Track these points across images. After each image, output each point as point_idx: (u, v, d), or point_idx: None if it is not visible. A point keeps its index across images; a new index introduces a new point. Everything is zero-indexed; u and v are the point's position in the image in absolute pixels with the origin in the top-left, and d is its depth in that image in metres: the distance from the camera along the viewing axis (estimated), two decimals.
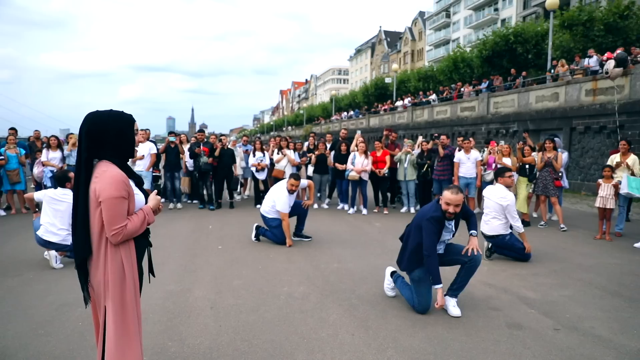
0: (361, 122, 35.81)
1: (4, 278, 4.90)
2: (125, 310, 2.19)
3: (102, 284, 2.15)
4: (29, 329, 3.57)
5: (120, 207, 2.11)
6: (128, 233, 2.15)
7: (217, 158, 9.94)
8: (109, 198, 2.09)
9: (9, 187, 9.18)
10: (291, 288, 4.60)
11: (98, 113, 2.22)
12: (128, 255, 2.20)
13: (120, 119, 2.25)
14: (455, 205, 3.80)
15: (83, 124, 2.18)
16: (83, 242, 2.13)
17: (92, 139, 2.16)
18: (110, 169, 2.15)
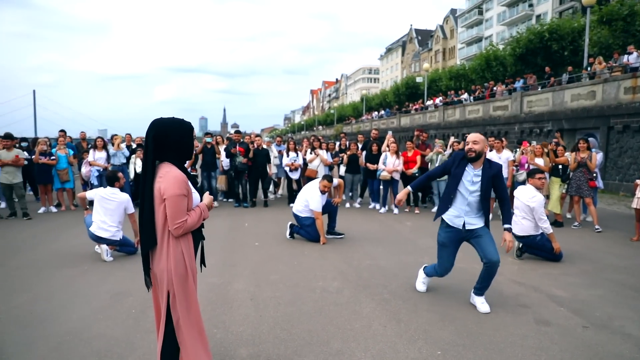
0: (392, 122, 35.74)
1: (64, 268, 5.33)
2: (187, 295, 2.46)
3: (165, 272, 2.42)
4: (90, 313, 3.93)
5: (181, 204, 2.39)
6: (188, 227, 2.42)
7: (251, 158, 10.29)
8: (173, 196, 2.36)
9: (59, 185, 9.78)
10: (326, 283, 4.83)
11: (163, 120, 2.49)
12: (187, 247, 2.48)
13: (182, 127, 2.52)
14: (473, 141, 3.87)
15: (149, 130, 2.46)
16: (149, 234, 2.41)
17: (157, 144, 2.43)
18: (173, 170, 2.43)
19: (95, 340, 3.41)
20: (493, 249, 3.99)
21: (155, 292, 2.59)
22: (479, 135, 3.94)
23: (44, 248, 6.40)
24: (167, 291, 2.43)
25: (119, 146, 9.99)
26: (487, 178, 3.90)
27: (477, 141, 3.87)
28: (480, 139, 3.91)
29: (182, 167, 2.51)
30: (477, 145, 3.86)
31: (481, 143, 3.89)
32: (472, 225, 4.01)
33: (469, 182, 3.94)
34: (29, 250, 6.28)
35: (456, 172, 4.00)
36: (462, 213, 4.00)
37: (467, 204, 3.97)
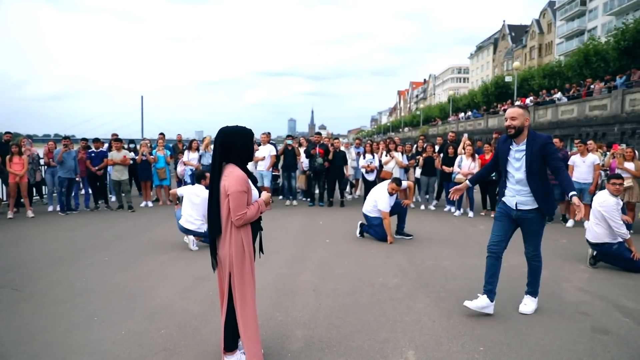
0: (479, 123, 34.44)
1: (156, 255, 6.13)
2: (243, 277, 2.90)
3: (227, 257, 2.88)
4: (174, 293, 4.57)
5: (242, 199, 2.82)
6: (247, 218, 2.85)
7: (330, 159, 10.74)
8: (235, 192, 2.79)
9: (157, 182, 10.98)
10: (386, 279, 5.08)
11: (228, 128, 2.95)
12: (247, 236, 2.91)
13: (244, 134, 2.96)
14: (511, 117, 3.74)
15: (217, 136, 2.92)
16: (215, 224, 2.88)
17: (223, 149, 2.89)
18: (236, 170, 2.87)
19: (178, 315, 4.00)
20: (532, 240, 3.97)
21: (220, 274, 3.05)
22: (517, 110, 3.79)
23: (142, 236, 7.35)
24: (229, 272, 2.88)
25: (207, 146, 10.96)
26: (531, 152, 3.72)
27: (515, 117, 3.73)
28: (518, 113, 3.75)
29: (244, 168, 2.94)
30: (515, 120, 3.72)
31: (520, 118, 3.73)
32: (523, 206, 3.86)
33: (514, 160, 3.85)
34: (131, 238, 7.25)
35: (502, 152, 3.95)
36: (514, 192, 3.90)
37: (516, 182, 3.87)
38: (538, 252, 4.06)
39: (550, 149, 3.71)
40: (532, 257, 4.06)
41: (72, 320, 3.89)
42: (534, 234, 3.97)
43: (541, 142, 3.72)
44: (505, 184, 4.02)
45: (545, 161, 3.76)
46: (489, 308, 3.96)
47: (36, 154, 10.15)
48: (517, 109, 3.80)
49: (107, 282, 4.92)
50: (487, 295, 3.97)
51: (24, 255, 6.11)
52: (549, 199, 3.91)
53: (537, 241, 4.01)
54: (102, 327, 3.75)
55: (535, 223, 3.92)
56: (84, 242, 6.88)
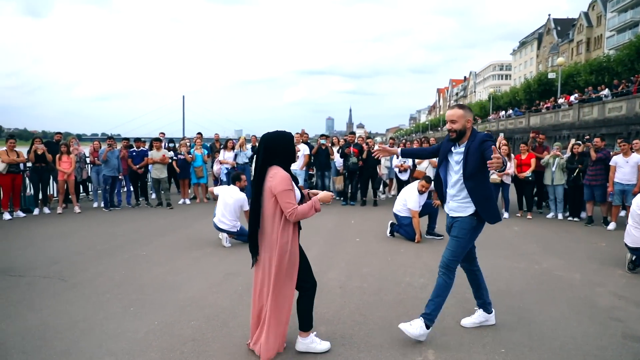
0: (520, 122, 33.44)
1: (192, 250, 6.39)
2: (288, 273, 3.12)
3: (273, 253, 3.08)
4: (206, 287, 4.77)
5: (290, 196, 3.00)
6: (299, 213, 3.02)
7: (364, 159, 10.78)
8: (282, 191, 2.98)
9: (195, 180, 11.35)
10: (412, 279, 5.09)
11: (271, 134, 3.18)
12: (294, 233, 3.12)
13: (285, 138, 3.18)
14: (450, 120, 3.33)
15: (261, 143, 3.17)
16: (255, 221, 3.12)
17: (267, 153, 3.10)
18: (280, 171, 3.06)
19: (207, 308, 4.18)
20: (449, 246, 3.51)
21: (258, 270, 3.24)
22: (457, 111, 3.34)
23: (179, 233, 7.65)
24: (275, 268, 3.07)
25: (242, 146, 11.24)
26: (469, 153, 3.29)
27: (454, 119, 3.31)
28: (458, 115, 3.30)
29: (287, 169, 3.14)
30: (455, 124, 3.31)
31: (460, 120, 3.30)
32: (454, 212, 3.50)
33: (454, 162, 3.47)
34: (169, 234, 7.56)
35: (443, 152, 3.56)
36: (449, 198, 3.54)
37: (451, 186, 3.51)
38: (453, 264, 3.48)
39: (486, 145, 3.22)
40: (443, 267, 3.51)
41: (110, 309, 4.14)
42: (456, 240, 3.48)
43: (478, 141, 3.27)
44: (445, 185, 3.64)
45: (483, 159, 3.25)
46: (489, 321, 3.78)
47: (83, 153, 10.70)
48: (456, 110, 3.37)
49: (144, 275, 5.18)
50: (483, 309, 3.78)
51: (70, 248, 6.50)
52: (489, 203, 3.44)
53: (456, 250, 3.47)
54: (137, 317, 3.98)
55: (461, 228, 3.46)
56: (125, 237, 7.24)
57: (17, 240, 7.08)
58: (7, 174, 8.84)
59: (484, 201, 3.39)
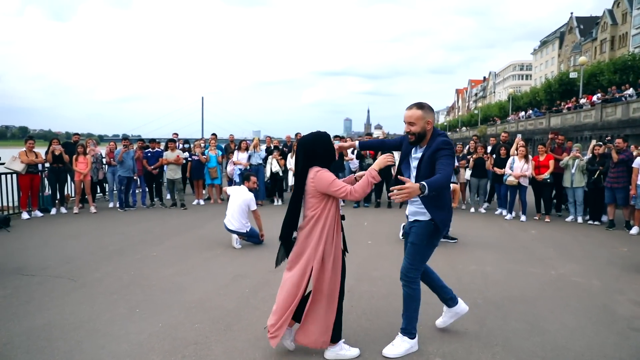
0: (540, 122, 32.76)
1: (203, 251, 6.38)
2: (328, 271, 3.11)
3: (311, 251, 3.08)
4: (213, 289, 4.74)
5: (336, 183, 3.01)
6: (357, 190, 3.04)
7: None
8: (329, 183, 2.99)
9: (209, 181, 11.39)
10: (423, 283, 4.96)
11: (308, 136, 3.19)
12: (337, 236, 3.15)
13: (323, 138, 3.18)
14: (409, 122, 3.09)
15: (300, 145, 3.17)
16: (293, 222, 3.13)
17: (308, 155, 3.10)
18: (321, 169, 3.08)
19: (213, 310, 4.14)
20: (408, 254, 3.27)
21: (291, 270, 3.20)
22: (415, 112, 3.05)
23: (192, 233, 7.67)
24: (311, 267, 3.07)
25: (256, 147, 11.23)
26: (423, 161, 3.09)
27: (413, 122, 3.06)
28: (417, 117, 3.04)
29: (328, 168, 3.17)
30: (414, 126, 3.06)
31: (419, 122, 3.04)
32: (412, 216, 3.30)
33: (412, 167, 3.30)
34: (181, 234, 7.58)
35: (404, 151, 3.37)
36: (409, 201, 3.31)
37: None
38: (412, 274, 3.24)
39: (441, 154, 2.97)
40: (403, 278, 3.28)
41: (117, 310, 4.14)
42: (412, 246, 3.23)
43: (433, 149, 3.03)
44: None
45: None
46: (459, 313, 3.65)
47: (99, 154, 10.83)
48: (415, 110, 3.09)
49: (152, 276, 5.18)
50: (449, 305, 3.64)
51: (82, 247, 6.56)
52: (443, 210, 3.17)
53: (414, 258, 3.22)
54: (142, 318, 3.96)
55: (417, 233, 3.20)
56: (137, 238, 7.28)
57: (32, 239, 7.19)
58: (26, 174, 8.99)
59: (436, 208, 3.12)
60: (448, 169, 2.93)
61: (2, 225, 7.95)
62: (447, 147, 3.01)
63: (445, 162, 2.95)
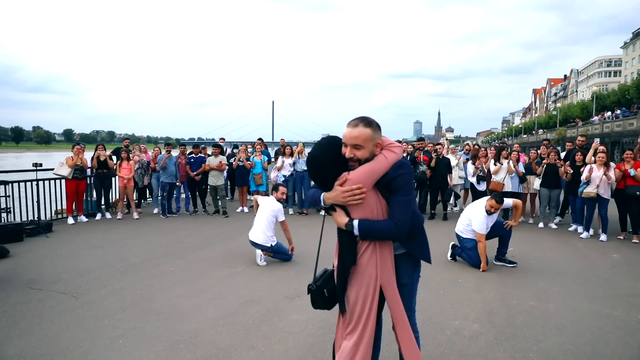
0: (630, 123, 29.39)
1: (222, 268, 5.84)
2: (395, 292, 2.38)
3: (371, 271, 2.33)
4: (214, 317, 4.15)
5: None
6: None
7: (433, 167, 9.72)
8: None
9: (254, 188, 10.97)
10: (463, 323, 4.06)
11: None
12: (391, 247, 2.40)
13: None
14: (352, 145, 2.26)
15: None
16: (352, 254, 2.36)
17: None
18: None
19: (201, 347, 3.54)
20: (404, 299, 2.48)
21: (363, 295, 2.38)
22: (363, 131, 2.25)
23: (220, 245, 7.19)
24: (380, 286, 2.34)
25: (301, 153, 10.64)
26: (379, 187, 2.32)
27: (359, 144, 2.25)
28: (365, 137, 2.24)
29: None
30: (360, 150, 2.26)
31: (368, 144, 2.26)
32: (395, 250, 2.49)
33: None
34: (210, 247, 7.13)
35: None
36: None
37: None
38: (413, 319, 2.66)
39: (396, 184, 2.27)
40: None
41: (99, 340, 3.67)
42: (405, 289, 2.51)
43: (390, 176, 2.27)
44: None
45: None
46: None
47: (145, 160, 10.79)
48: (362, 129, 2.25)
49: (157, 297, 4.70)
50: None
51: (103, 259, 6.28)
52: (418, 239, 2.52)
53: (410, 301, 2.60)
54: (121, 351, 3.46)
55: (405, 274, 2.51)
56: (163, 249, 6.93)
57: (61, 248, 7.06)
58: (72, 179, 9.05)
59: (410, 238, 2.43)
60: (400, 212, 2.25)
61: (43, 230, 7.99)
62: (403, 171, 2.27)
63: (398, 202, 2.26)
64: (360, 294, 2.34)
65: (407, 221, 2.27)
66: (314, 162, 2.40)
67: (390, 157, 2.29)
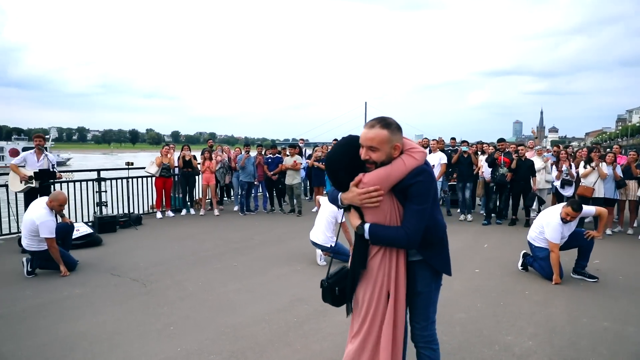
0: None
1: (282, 266, 6.00)
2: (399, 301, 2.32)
3: (383, 271, 2.30)
4: (262, 313, 4.29)
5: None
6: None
7: (513, 170, 9.11)
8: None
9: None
10: (517, 339, 3.75)
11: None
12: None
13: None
14: (368, 147, 2.19)
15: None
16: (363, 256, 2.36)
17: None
18: None
19: (241, 340, 3.68)
20: (420, 310, 2.44)
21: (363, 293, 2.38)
22: (379, 133, 2.16)
23: (287, 245, 7.37)
24: (387, 292, 2.30)
25: None
26: (396, 193, 2.25)
27: (375, 146, 2.17)
28: (380, 139, 2.16)
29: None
30: (376, 153, 2.19)
31: (384, 147, 2.18)
32: (410, 256, 2.38)
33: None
34: (277, 245, 7.36)
35: None
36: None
37: None
38: (431, 330, 2.49)
39: (413, 191, 2.17)
40: (420, 341, 2.49)
41: (155, 324, 3.99)
42: (421, 298, 2.41)
43: (407, 182, 2.17)
44: None
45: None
46: None
47: (226, 160, 11.41)
48: (378, 130, 2.18)
49: (215, 290, 4.98)
50: None
51: (178, 251, 6.77)
52: (437, 249, 2.37)
53: (427, 311, 2.45)
54: (169, 338, 3.72)
55: (422, 282, 2.38)
56: (233, 245, 7.29)
57: (145, 239, 7.73)
58: (159, 177, 9.88)
59: (427, 245, 2.32)
60: (413, 222, 2.18)
61: (134, 223, 8.82)
62: (421, 179, 2.18)
63: (412, 211, 2.19)
64: (366, 297, 2.29)
65: (418, 231, 2.18)
66: (329, 162, 2.40)
67: (409, 163, 2.19)
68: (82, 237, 6.95)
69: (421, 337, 2.46)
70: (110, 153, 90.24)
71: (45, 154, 7.39)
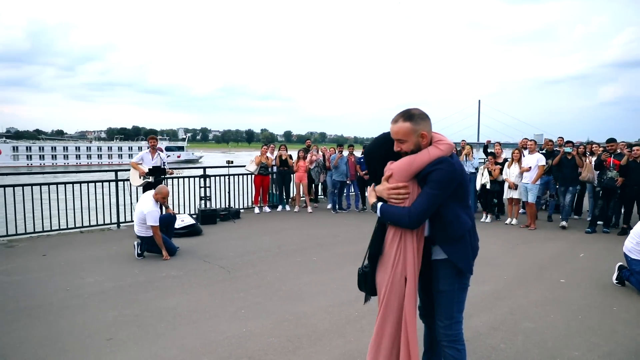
0: None
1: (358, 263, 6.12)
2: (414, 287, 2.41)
3: (399, 257, 2.39)
4: (325, 305, 4.54)
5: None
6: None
7: (624, 174, 8.21)
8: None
9: None
10: (585, 355, 3.51)
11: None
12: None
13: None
14: (397, 140, 2.40)
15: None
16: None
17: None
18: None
19: (301, 328, 3.98)
20: (443, 307, 2.50)
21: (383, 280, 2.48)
22: (402, 125, 2.36)
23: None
24: (405, 277, 2.39)
25: (468, 155, 10.18)
26: (419, 179, 2.39)
27: (401, 138, 2.38)
28: (404, 131, 2.36)
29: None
30: (405, 144, 2.38)
31: (410, 137, 2.36)
32: (434, 255, 2.50)
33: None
34: (359, 242, 7.39)
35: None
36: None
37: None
38: (455, 329, 2.50)
39: (430, 178, 2.30)
40: (444, 339, 2.51)
41: (229, 307, 4.47)
42: (444, 296, 2.48)
43: (425, 172, 2.33)
44: None
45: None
46: None
47: (321, 159, 11.86)
48: (401, 124, 2.37)
49: (290, 281, 5.35)
50: None
51: (266, 244, 7.31)
52: (460, 244, 2.42)
53: (451, 310, 2.48)
54: (239, 319, 4.14)
55: (444, 281, 2.46)
56: (318, 240, 7.64)
57: (240, 232, 8.43)
58: (258, 175, 10.66)
59: (451, 242, 2.42)
60: (419, 202, 2.31)
61: (233, 217, 9.66)
62: (441, 167, 2.30)
63: (423, 192, 2.33)
64: (382, 282, 2.45)
65: (422, 213, 2.29)
66: (366, 154, 2.73)
67: (432, 153, 2.34)
68: (186, 227, 7.83)
69: (445, 336, 2.51)
70: (228, 152, 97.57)
71: (158, 153, 8.45)
